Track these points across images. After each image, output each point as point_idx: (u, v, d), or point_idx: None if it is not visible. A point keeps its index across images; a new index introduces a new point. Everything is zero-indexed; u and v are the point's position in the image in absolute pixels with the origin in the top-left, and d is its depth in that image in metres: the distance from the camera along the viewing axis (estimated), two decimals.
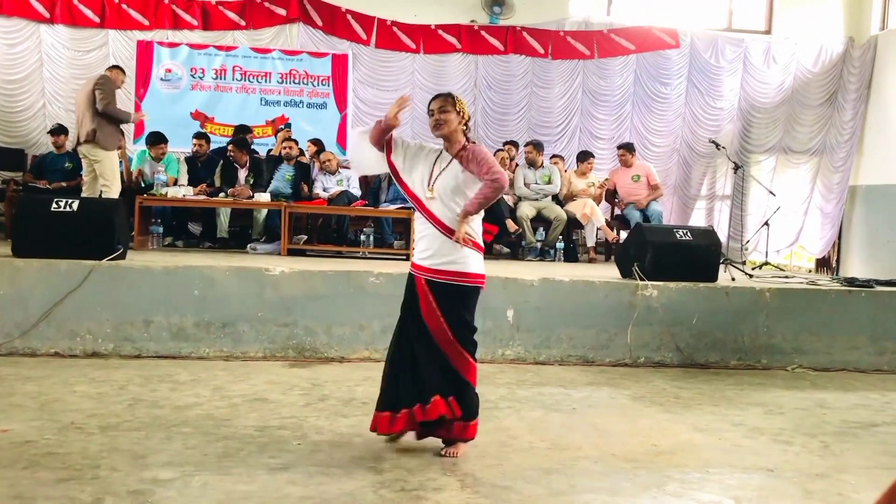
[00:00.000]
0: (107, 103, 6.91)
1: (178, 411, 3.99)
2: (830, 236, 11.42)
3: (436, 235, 3.43)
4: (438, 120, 3.45)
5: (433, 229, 3.44)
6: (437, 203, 3.43)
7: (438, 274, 3.40)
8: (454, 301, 3.42)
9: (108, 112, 6.94)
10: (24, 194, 7.62)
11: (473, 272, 3.44)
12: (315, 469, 3.20)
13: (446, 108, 3.45)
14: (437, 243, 3.42)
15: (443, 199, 3.43)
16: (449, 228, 3.40)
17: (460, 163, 3.45)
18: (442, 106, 3.46)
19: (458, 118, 3.47)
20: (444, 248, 3.40)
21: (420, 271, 3.45)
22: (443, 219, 3.41)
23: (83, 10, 9.81)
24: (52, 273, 5.28)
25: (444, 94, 3.56)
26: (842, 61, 11.25)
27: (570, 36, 10.75)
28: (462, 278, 3.41)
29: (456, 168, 3.45)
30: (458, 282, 3.41)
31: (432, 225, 3.44)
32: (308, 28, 10.35)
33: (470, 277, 3.43)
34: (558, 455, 3.56)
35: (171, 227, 8.29)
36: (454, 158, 3.47)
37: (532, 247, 8.38)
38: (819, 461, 3.67)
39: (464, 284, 3.42)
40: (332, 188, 8.47)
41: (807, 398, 5.04)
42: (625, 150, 9.19)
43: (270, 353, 5.46)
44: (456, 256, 3.40)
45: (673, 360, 5.87)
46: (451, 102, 3.47)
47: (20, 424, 3.63)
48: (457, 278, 3.40)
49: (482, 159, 3.40)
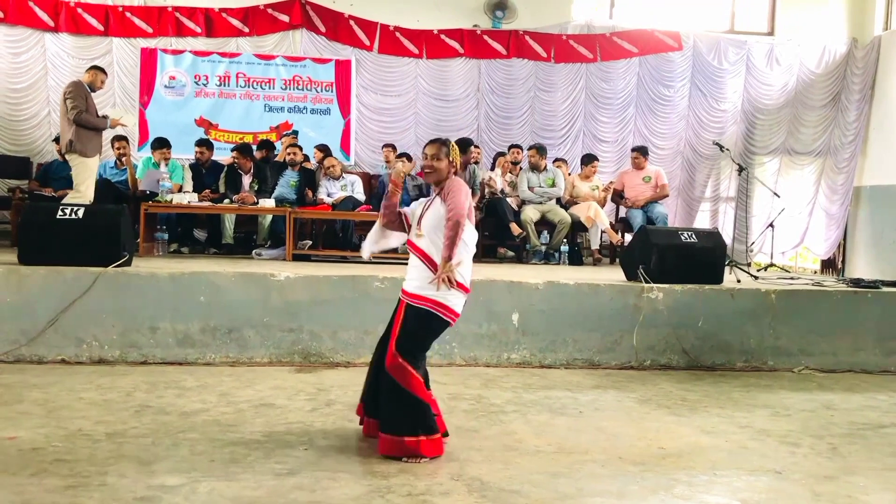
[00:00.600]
0: (77, 112, 6.82)
1: (184, 417, 4.00)
2: (835, 237, 11.40)
3: (422, 268, 3.52)
4: (429, 167, 3.56)
5: (420, 262, 3.54)
6: (425, 240, 3.54)
7: (418, 299, 3.48)
8: (418, 319, 3.48)
9: (80, 122, 6.85)
10: (30, 202, 7.64)
11: (450, 307, 3.49)
12: (322, 474, 3.20)
13: (439, 156, 3.56)
14: (424, 275, 3.51)
15: (428, 235, 3.53)
16: (433, 262, 3.49)
17: (442, 199, 3.54)
18: (436, 154, 3.56)
19: (449, 166, 3.58)
20: (428, 278, 3.48)
21: (405, 295, 3.56)
22: (429, 253, 3.52)
23: (87, 18, 9.85)
24: (59, 280, 5.30)
25: (440, 141, 3.63)
26: (845, 62, 11.23)
27: (572, 39, 10.76)
28: (437, 307, 3.46)
29: (437, 203, 3.55)
30: (432, 308, 3.46)
31: (418, 257, 3.55)
32: (311, 34, 10.38)
33: (445, 310, 3.48)
34: (565, 459, 3.56)
35: (176, 234, 8.30)
36: (437, 196, 3.59)
37: (536, 250, 8.38)
38: (827, 463, 3.66)
39: (435, 312, 3.46)
40: (336, 194, 8.48)
41: (814, 400, 5.02)
42: (639, 153, 9.16)
43: (276, 358, 5.46)
44: (441, 292, 3.45)
45: (679, 362, 5.86)
46: (445, 151, 3.57)
47: (28, 431, 3.64)
48: (432, 305, 3.46)
49: (450, 193, 3.48)
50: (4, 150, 9.66)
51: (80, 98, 6.88)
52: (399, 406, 3.43)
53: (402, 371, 3.43)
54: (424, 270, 3.51)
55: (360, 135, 10.52)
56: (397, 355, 3.44)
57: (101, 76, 7.24)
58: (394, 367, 3.43)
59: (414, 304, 3.49)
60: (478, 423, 4.12)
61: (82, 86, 7.04)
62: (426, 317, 3.47)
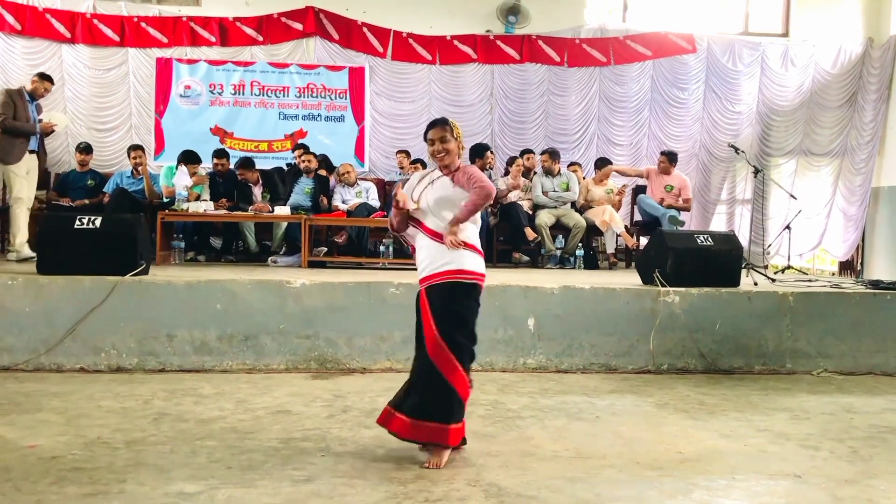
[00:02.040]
0: (2, 119, 6.82)
1: (202, 425, 4.02)
2: (854, 239, 11.29)
3: (431, 245, 3.49)
4: (441, 150, 3.54)
5: (428, 240, 3.51)
6: (429, 216, 3.52)
7: (435, 277, 3.44)
8: (448, 298, 3.41)
9: (6, 128, 6.83)
10: (48, 212, 7.71)
11: (469, 269, 3.44)
12: (339, 481, 3.21)
13: (446, 137, 3.54)
14: (433, 251, 3.48)
15: (433, 212, 3.51)
16: (441, 237, 3.46)
17: (451, 180, 3.54)
18: (443, 136, 3.54)
19: (457, 144, 3.58)
20: (440, 253, 3.45)
21: (421, 283, 3.52)
22: (435, 228, 3.50)
23: (103, 29, 9.94)
24: (77, 289, 5.34)
25: (441, 122, 3.62)
26: (861, 62, 11.15)
27: (585, 43, 10.75)
28: (457, 275, 3.42)
29: (446, 182, 3.54)
30: (454, 279, 3.41)
31: (426, 236, 3.52)
32: (325, 42, 10.42)
33: (466, 274, 3.43)
34: (583, 464, 3.54)
35: (192, 242, 8.36)
36: (444, 175, 3.57)
37: (552, 255, 8.37)
38: (847, 467, 3.62)
39: (459, 281, 3.42)
40: (350, 200, 8.51)
41: (833, 402, 4.98)
42: (666, 158, 9.21)
43: (293, 365, 5.48)
44: (451, 257, 3.43)
45: (696, 366, 5.82)
46: (450, 130, 3.56)
47: (47, 440, 3.67)
48: (452, 276, 3.41)
49: (471, 175, 3.49)
50: None
51: (8, 106, 6.87)
52: (434, 391, 3.39)
53: (442, 355, 3.38)
54: (432, 247, 3.47)
55: (374, 141, 10.55)
56: (440, 341, 3.37)
57: (45, 84, 7.25)
58: (436, 354, 3.38)
59: (434, 284, 3.43)
60: (494, 428, 4.11)
61: (13, 93, 7.02)
62: (448, 289, 3.41)
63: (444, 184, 3.54)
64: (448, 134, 3.54)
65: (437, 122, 3.61)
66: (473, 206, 3.45)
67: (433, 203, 3.52)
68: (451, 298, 3.42)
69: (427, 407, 3.41)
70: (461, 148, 3.61)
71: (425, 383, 3.42)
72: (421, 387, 3.44)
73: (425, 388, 3.42)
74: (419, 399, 3.43)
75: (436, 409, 3.39)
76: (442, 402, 3.40)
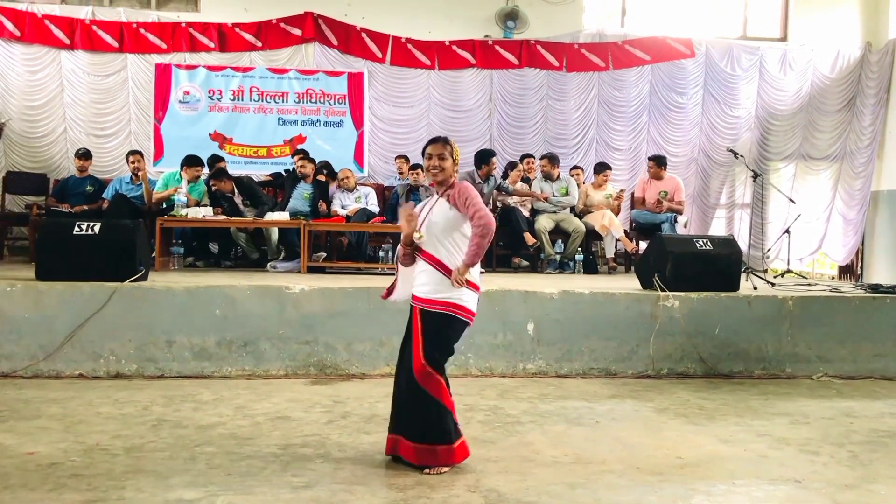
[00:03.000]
0: None
1: (201, 431, 4.01)
2: (854, 243, 11.30)
3: (432, 271, 3.51)
4: (436, 167, 3.57)
5: (429, 266, 3.52)
6: (430, 242, 3.53)
7: (433, 304, 3.48)
8: (441, 327, 3.47)
9: None
10: (47, 218, 7.69)
11: (468, 308, 3.50)
12: (338, 487, 3.20)
13: (444, 155, 3.57)
14: (434, 278, 3.50)
15: (434, 237, 3.52)
16: (443, 264, 3.48)
17: (447, 201, 3.54)
18: (441, 153, 3.57)
19: (452, 164, 3.60)
20: (443, 283, 3.47)
21: (417, 301, 3.54)
22: (437, 255, 3.51)
23: (102, 35, 9.96)
24: (76, 296, 5.34)
25: (441, 139, 3.64)
26: (859, 66, 11.19)
27: (584, 48, 10.77)
28: (454, 309, 3.47)
29: (444, 206, 3.54)
30: (451, 312, 3.46)
31: (428, 263, 3.53)
32: (323, 47, 10.44)
33: (463, 311, 3.49)
34: (582, 469, 3.54)
35: (191, 248, 8.34)
36: (440, 197, 3.58)
37: (551, 259, 8.36)
38: (847, 471, 3.62)
39: (451, 314, 3.47)
40: (350, 205, 8.51)
41: (833, 407, 4.97)
42: (654, 163, 9.02)
43: (292, 370, 5.47)
44: (452, 293, 3.46)
45: (696, 370, 5.82)
46: (449, 150, 3.59)
47: (46, 447, 3.66)
48: (450, 308, 3.46)
49: (468, 201, 3.48)
50: (21, 167, 9.77)
51: None
52: (429, 415, 3.44)
53: (430, 379, 3.43)
54: (434, 273, 3.50)
55: (373, 146, 10.56)
56: (426, 365, 3.43)
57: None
58: (423, 376, 3.43)
59: (429, 310, 3.48)
60: (494, 434, 4.11)
61: None
62: (444, 320, 3.47)
63: (442, 207, 3.55)
64: (446, 152, 3.57)
65: (437, 139, 3.64)
66: (479, 249, 3.46)
67: (434, 229, 3.54)
68: (445, 327, 3.49)
69: (429, 431, 3.44)
70: (456, 170, 3.64)
71: (419, 408, 3.45)
72: (416, 412, 3.47)
73: (423, 414, 3.45)
74: (420, 426, 3.46)
75: (436, 433, 3.44)
76: (439, 422, 3.45)
